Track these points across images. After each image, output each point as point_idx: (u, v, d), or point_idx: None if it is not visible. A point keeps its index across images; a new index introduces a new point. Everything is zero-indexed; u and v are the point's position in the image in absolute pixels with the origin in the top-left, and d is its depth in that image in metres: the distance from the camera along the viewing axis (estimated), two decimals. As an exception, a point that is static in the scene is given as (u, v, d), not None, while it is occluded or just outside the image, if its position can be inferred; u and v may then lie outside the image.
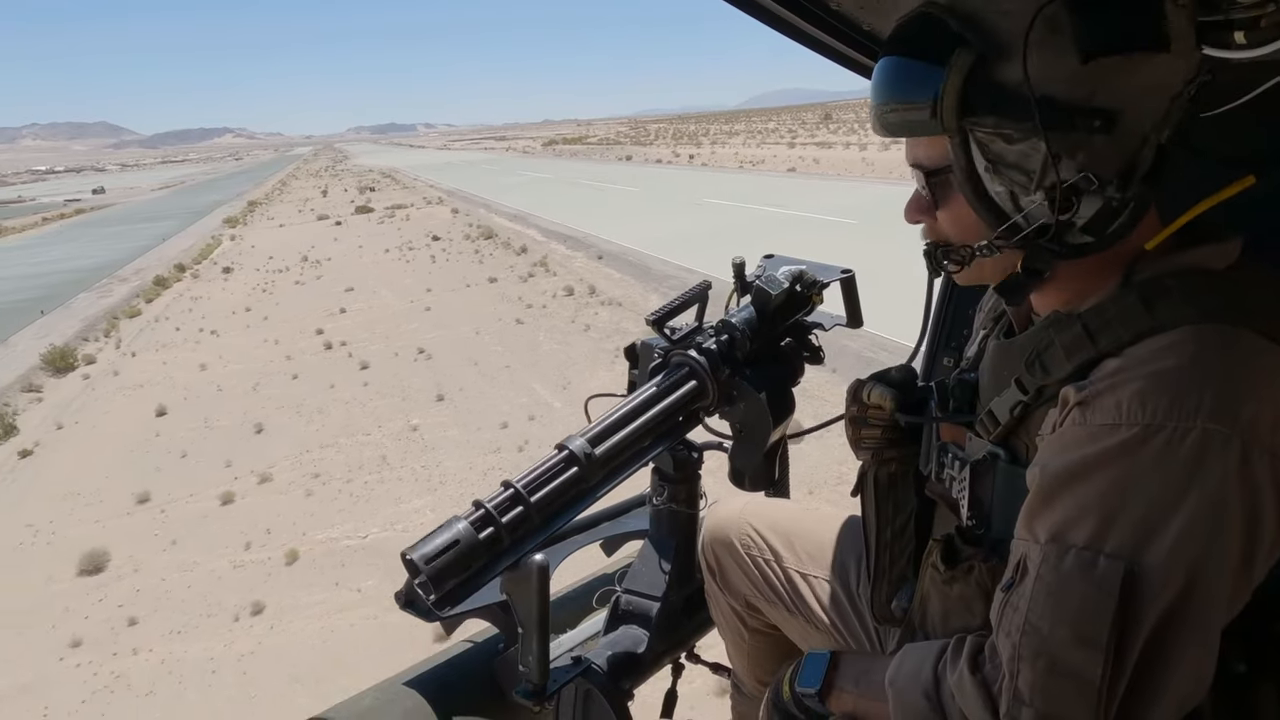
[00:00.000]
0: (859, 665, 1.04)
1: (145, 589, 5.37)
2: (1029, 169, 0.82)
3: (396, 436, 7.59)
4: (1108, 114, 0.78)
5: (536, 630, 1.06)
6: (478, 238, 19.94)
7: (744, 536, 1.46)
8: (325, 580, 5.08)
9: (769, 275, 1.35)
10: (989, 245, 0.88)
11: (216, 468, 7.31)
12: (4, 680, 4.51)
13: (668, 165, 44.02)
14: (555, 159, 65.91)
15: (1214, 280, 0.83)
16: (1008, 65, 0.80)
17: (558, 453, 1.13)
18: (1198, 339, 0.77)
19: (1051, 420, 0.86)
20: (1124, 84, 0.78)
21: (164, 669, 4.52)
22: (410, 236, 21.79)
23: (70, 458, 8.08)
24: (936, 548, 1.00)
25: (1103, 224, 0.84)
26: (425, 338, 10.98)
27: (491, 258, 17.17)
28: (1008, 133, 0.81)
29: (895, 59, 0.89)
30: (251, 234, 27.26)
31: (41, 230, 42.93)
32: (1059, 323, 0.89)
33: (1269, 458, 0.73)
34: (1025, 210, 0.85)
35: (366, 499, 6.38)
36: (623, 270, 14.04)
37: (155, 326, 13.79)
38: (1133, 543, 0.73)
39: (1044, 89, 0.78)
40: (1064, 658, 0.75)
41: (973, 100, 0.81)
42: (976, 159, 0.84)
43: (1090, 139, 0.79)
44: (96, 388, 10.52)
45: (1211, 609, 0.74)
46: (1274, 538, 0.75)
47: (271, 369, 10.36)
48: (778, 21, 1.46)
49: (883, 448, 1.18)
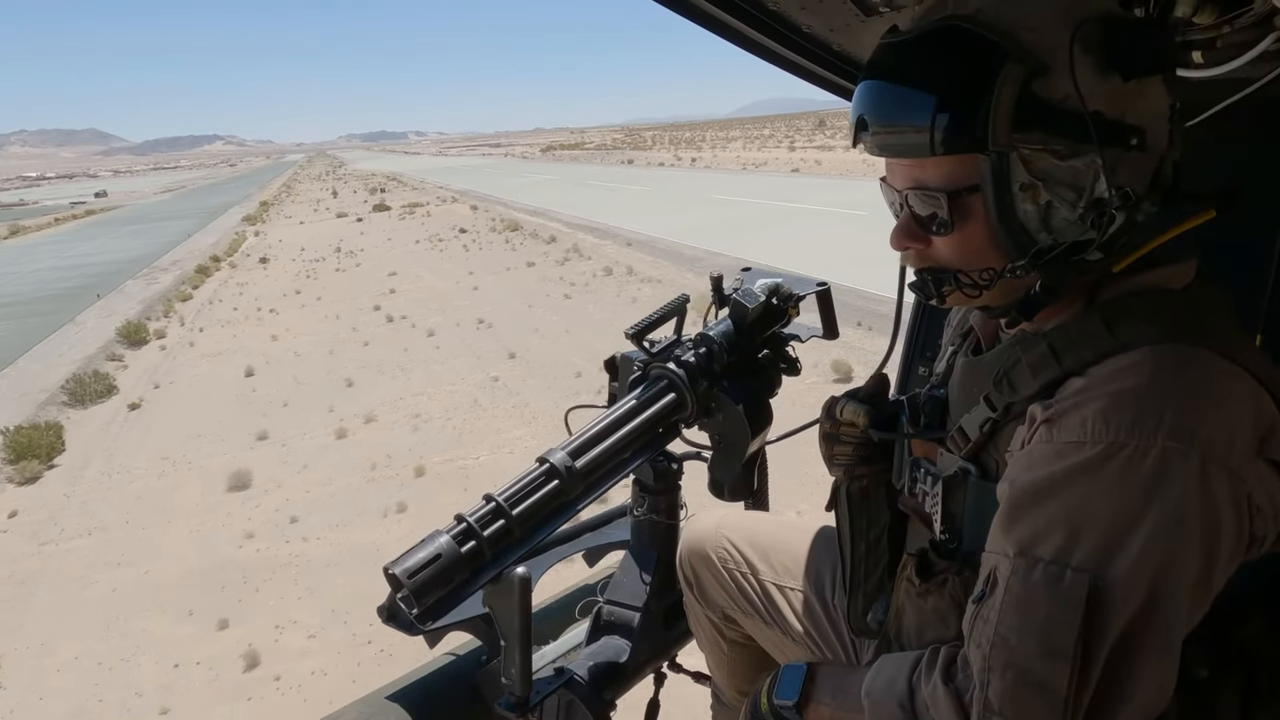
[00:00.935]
0: (835, 677, 1.03)
1: (293, 499, 6.04)
2: (1079, 185, 0.80)
3: (480, 386, 8.12)
4: (1140, 131, 0.78)
5: (519, 642, 1.04)
6: (504, 230, 20.09)
7: (720, 550, 1.42)
8: (454, 487, 5.72)
9: (746, 289, 1.34)
10: (1020, 267, 0.83)
11: (320, 413, 7.92)
12: (201, 561, 5.23)
13: (671, 168, 44.27)
14: (556, 163, 66.06)
15: (1172, 300, 0.83)
16: (1055, 80, 0.77)
17: (539, 465, 1.11)
18: (1157, 358, 0.76)
19: (1020, 437, 0.84)
20: (1143, 105, 0.79)
21: (335, 551, 5.28)
22: (435, 230, 22.08)
23: (177, 409, 8.71)
24: (911, 561, 0.99)
25: (1115, 240, 0.82)
26: (481, 311, 11.28)
27: (523, 246, 17.47)
28: (1058, 149, 0.78)
29: (913, 73, 0.83)
30: (273, 230, 27.73)
31: (59, 229, 43.73)
32: (1025, 342, 0.87)
33: (1226, 474, 0.73)
34: (1055, 229, 0.82)
35: (469, 431, 6.95)
36: (654, 255, 14.23)
37: (210, 308, 14.39)
38: (1097, 557, 0.73)
39: (1092, 105, 0.76)
40: (1031, 669, 0.74)
41: (1024, 115, 0.77)
42: (1015, 176, 0.80)
43: (1127, 155, 0.79)
44: (176, 356, 11.17)
45: (1173, 620, 0.74)
46: (1231, 552, 0.75)
47: (341, 338, 10.91)
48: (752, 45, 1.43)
49: (855, 464, 1.17)
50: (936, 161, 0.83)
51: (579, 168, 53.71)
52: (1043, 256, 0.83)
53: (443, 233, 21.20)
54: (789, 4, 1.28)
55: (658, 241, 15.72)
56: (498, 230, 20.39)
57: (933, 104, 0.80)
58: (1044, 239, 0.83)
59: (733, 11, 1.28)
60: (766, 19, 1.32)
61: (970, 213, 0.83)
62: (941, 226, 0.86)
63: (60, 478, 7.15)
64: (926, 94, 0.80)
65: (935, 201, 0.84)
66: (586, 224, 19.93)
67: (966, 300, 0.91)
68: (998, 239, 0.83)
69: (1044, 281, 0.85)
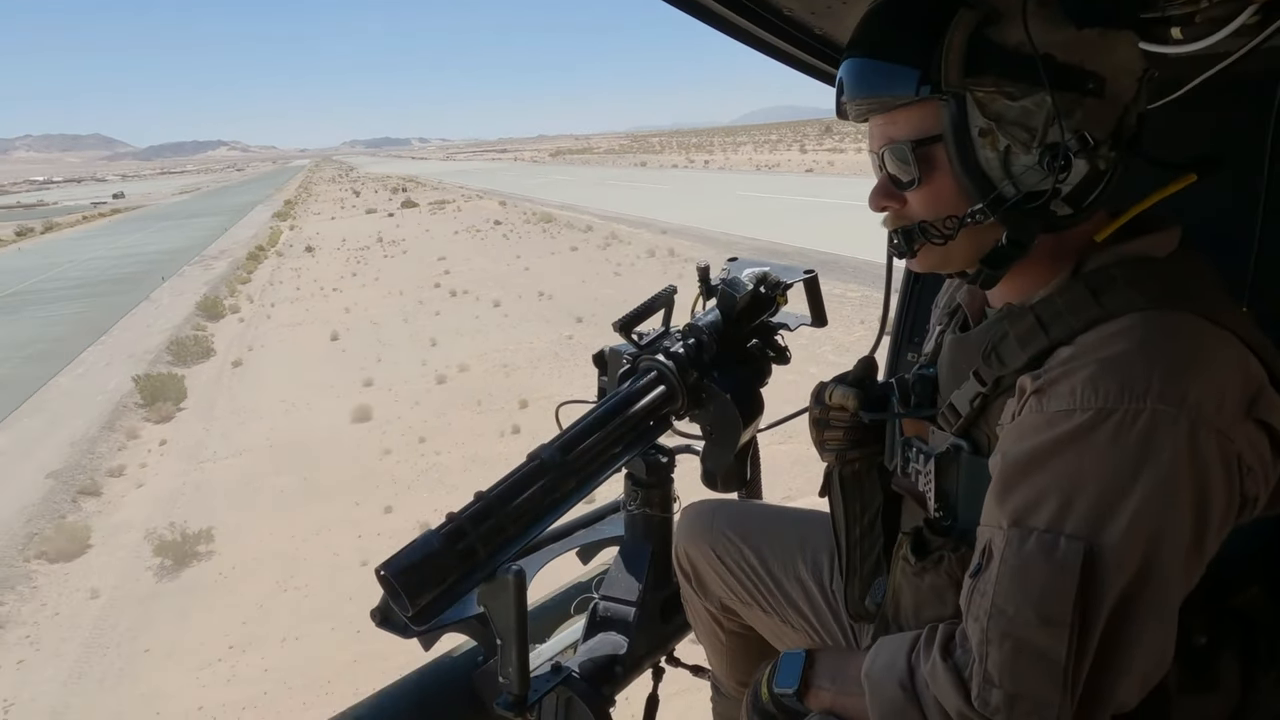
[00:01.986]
0: (835, 662, 1.00)
1: (414, 426, 6.55)
2: (1031, 126, 0.79)
3: (557, 342, 8.59)
4: (1099, 78, 0.77)
5: (515, 640, 1.02)
6: (538, 221, 20.34)
7: (716, 539, 1.37)
8: (555, 417, 6.65)
9: (733, 278, 1.30)
10: (980, 211, 0.82)
11: (414, 365, 8.47)
12: (350, 471, 5.86)
13: (685, 169, 44.70)
14: (568, 165, 66.09)
15: (1156, 267, 0.80)
16: (1008, 27, 0.77)
17: (530, 461, 1.06)
18: (1144, 324, 0.75)
19: (1010, 410, 0.82)
20: (1106, 56, 0.78)
21: (465, 461, 5.85)
22: (470, 223, 22.32)
23: (277, 366, 9.33)
24: (906, 541, 0.96)
25: (1083, 193, 0.81)
26: (538, 287, 11.63)
27: (560, 235, 17.65)
28: (1010, 90, 0.78)
29: (882, 27, 0.84)
30: (307, 225, 28.34)
31: (91, 225, 44.71)
32: (1012, 315, 0.86)
33: (1216, 435, 0.71)
34: (1015, 176, 0.81)
35: (557, 374, 7.41)
36: (690, 240, 14.53)
37: (273, 289, 15.00)
38: (1090, 523, 0.72)
39: (1044, 50, 0.76)
40: (1029, 638, 0.73)
41: (976, 58, 0.78)
42: (973, 121, 0.79)
43: (1084, 100, 0.78)
44: (257, 326, 11.84)
45: (1168, 585, 0.72)
46: (1223, 514, 0.73)
47: (411, 310, 11.37)
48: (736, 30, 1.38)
49: (846, 448, 1.13)
50: (905, 114, 0.83)
51: (594, 169, 54.09)
52: (1004, 203, 0.81)
53: (478, 224, 21.71)
54: None
55: (690, 230, 16.02)
56: (531, 222, 20.81)
57: (894, 54, 0.82)
58: (1007, 188, 0.81)
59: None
60: (748, 2, 1.27)
61: (936, 164, 0.83)
62: (912, 181, 0.85)
63: (192, 417, 7.78)
64: (890, 47, 0.83)
65: (904, 154, 0.84)
66: (618, 216, 20.20)
67: (940, 261, 0.90)
68: (963, 188, 0.82)
69: (1009, 233, 0.83)
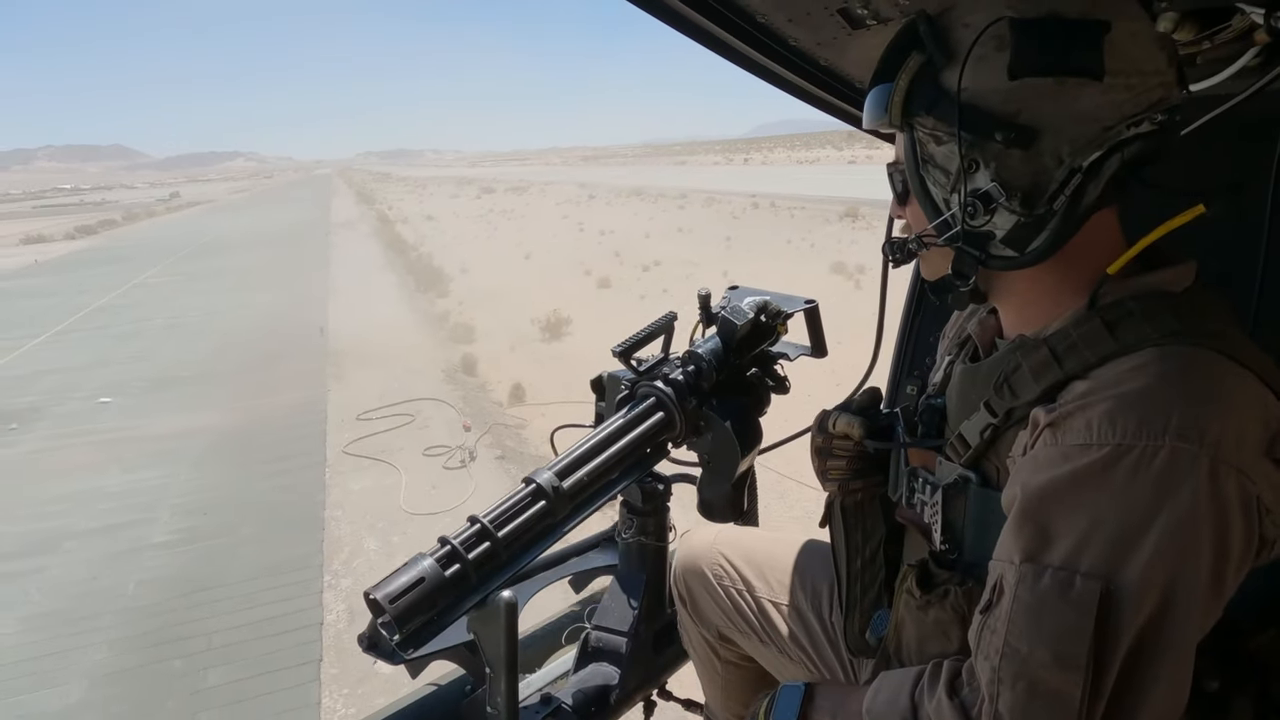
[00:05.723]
0: (834, 696, 0.98)
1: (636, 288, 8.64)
2: (949, 169, 0.82)
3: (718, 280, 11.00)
4: (1027, 131, 0.76)
5: (505, 669, 0.99)
6: (628, 196, 21.97)
7: (715, 566, 1.34)
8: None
9: (734, 306, 1.29)
10: (918, 240, 0.88)
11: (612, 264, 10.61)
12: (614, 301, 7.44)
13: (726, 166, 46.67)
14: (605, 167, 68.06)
15: (1173, 302, 0.78)
16: (949, 72, 0.79)
17: (525, 486, 1.05)
18: (1162, 359, 0.73)
19: (1022, 442, 0.81)
20: (1050, 107, 0.76)
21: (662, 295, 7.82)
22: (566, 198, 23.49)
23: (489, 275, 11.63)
24: (911, 573, 0.93)
25: (1022, 240, 0.81)
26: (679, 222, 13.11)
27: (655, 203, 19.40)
28: (939, 134, 0.82)
29: (879, 63, 0.89)
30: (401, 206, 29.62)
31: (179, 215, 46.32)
32: (1025, 347, 0.84)
33: (1235, 474, 0.68)
34: (950, 212, 0.84)
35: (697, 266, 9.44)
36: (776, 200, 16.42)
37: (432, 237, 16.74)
38: (1107, 562, 0.69)
39: (974, 99, 0.77)
40: (1044, 679, 0.70)
41: (914, 99, 0.82)
42: (920, 154, 0.85)
43: (1006, 152, 0.78)
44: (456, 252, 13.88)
45: (1186, 625, 0.69)
46: (1241, 555, 0.70)
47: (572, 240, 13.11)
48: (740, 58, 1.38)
49: (849, 478, 1.11)
50: (895, 140, 0.90)
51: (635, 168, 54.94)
52: (947, 229, 0.85)
53: (574, 198, 23.21)
54: (776, 17, 1.23)
55: (774, 195, 17.70)
56: (622, 196, 22.29)
57: (879, 81, 0.88)
58: (953, 220, 0.84)
59: (721, 23, 1.24)
60: (755, 31, 1.28)
61: (910, 186, 0.89)
62: (900, 198, 0.92)
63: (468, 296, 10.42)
64: (878, 72, 0.88)
65: (894, 174, 0.92)
66: (694, 189, 21.48)
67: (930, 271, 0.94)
68: (924, 210, 0.87)
69: (953, 263, 0.86)
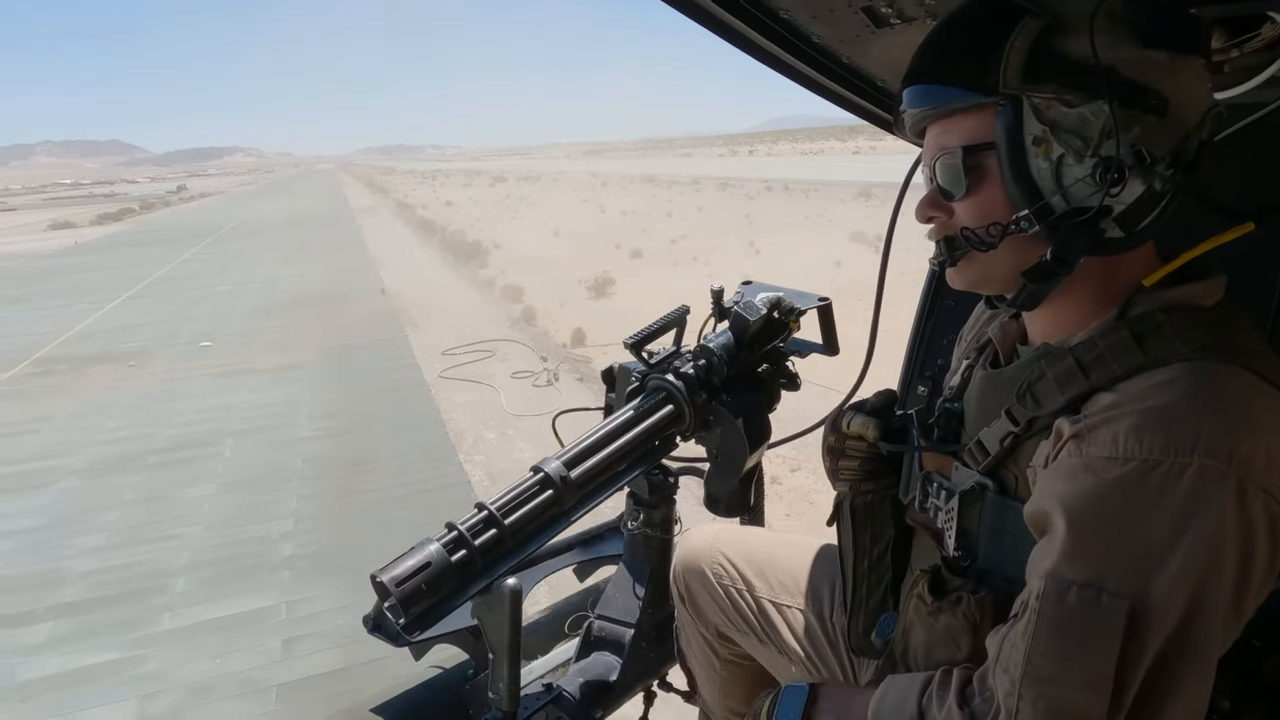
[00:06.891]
0: (839, 698, 0.95)
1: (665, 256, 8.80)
2: (1086, 134, 0.76)
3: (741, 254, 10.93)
4: (1162, 98, 0.74)
5: (508, 656, 0.99)
6: (641, 183, 22.11)
7: (715, 565, 1.33)
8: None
9: (747, 301, 1.29)
10: (1025, 218, 0.79)
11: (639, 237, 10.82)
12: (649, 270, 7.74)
13: (730, 158, 45.06)
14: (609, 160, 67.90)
15: (1203, 316, 0.77)
16: (1072, 37, 0.75)
17: (533, 475, 1.05)
18: (1191, 375, 0.71)
19: (1043, 452, 0.79)
20: (1171, 79, 0.75)
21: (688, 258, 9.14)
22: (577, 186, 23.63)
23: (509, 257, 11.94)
24: (923, 579, 0.91)
25: (1136, 216, 0.77)
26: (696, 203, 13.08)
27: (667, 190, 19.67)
28: (1068, 98, 0.76)
29: (949, 29, 0.84)
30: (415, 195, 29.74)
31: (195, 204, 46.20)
32: (1050, 355, 0.83)
33: (1263, 495, 0.67)
34: (1066, 188, 0.78)
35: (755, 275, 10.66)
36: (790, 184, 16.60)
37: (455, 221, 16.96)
38: (1134, 580, 0.68)
39: (1108, 63, 0.74)
40: (1066, 699, 0.69)
41: (1037, 64, 0.76)
42: (1027, 128, 0.77)
43: (1144, 116, 0.75)
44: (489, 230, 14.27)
45: (1208, 645, 0.68)
46: (1264, 576, 0.69)
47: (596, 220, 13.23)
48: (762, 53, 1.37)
49: (860, 479, 1.10)
50: (961, 121, 0.81)
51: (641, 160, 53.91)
52: (1050, 214, 0.78)
53: (588, 184, 23.27)
54: (800, 13, 1.22)
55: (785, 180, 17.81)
56: (635, 183, 22.44)
57: (958, 55, 0.81)
58: (1056, 200, 0.78)
59: (743, 18, 1.23)
60: (777, 27, 1.27)
61: (986, 172, 0.81)
62: (961, 189, 0.83)
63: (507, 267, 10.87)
64: (955, 45, 0.82)
65: (955, 163, 0.82)
66: (705, 176, 21.53)
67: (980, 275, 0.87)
68: (1010, 196, 0.79)
69: (1054, 248, 0.79)
